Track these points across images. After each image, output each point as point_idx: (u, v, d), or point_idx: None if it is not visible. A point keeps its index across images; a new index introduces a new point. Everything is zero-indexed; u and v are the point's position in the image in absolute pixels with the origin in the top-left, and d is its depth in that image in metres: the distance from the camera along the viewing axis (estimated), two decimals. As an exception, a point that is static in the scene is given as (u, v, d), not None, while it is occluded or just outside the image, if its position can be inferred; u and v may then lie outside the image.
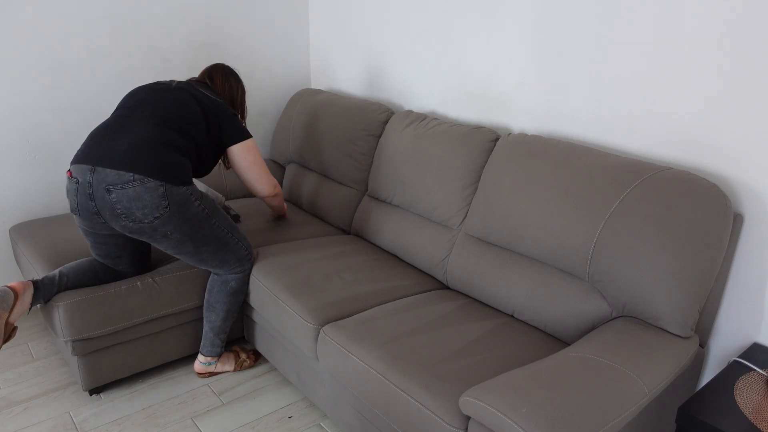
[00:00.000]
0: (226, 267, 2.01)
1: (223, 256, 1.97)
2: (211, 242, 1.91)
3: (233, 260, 2.00)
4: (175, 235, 1.82)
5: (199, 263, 1.97)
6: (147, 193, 1.73)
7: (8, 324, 1.77)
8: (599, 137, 1.89)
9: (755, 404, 1.36)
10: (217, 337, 2.11)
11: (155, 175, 1.74)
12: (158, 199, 1.74)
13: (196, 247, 1.89)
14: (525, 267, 1.80)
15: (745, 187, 1.57)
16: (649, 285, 1.50)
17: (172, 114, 1.86)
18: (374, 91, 2.74)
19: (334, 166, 2.52)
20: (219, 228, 1.92)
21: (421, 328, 1.70)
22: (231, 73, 2.18)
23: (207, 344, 2.13)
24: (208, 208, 1.88)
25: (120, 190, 1.72)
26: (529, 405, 1.20)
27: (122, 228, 1.79)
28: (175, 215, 1.79)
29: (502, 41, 2.11)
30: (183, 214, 1.80)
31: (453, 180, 2.02)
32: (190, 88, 1.97)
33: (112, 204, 1.73)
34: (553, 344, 1.68)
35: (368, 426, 1.68)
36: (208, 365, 2.16)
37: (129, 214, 1.74)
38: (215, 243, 1.92)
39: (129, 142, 1.76)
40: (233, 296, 2.06)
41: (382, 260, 2.18)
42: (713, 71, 1.58)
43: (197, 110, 1.91)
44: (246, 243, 2.05)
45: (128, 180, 1.72)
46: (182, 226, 1.82)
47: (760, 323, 1.62)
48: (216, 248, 1.93)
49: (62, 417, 1.97)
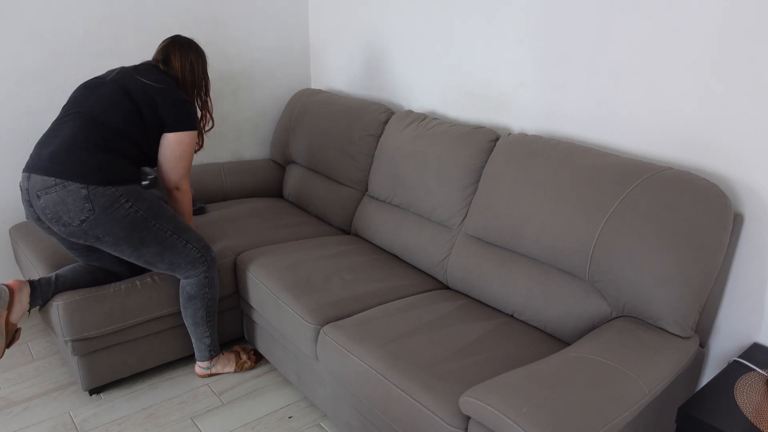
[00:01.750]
0: (178, 271, 1.96)
1: (170, 259, 1.91)
2: (151, 245, 1.85)
3: (183, 263, 1.94)
4: (107, 238, 1.78)
5: (149, 266, 1.92)
6: (69, 196, 1.71)
7: (9, 324, 1.76)
8: (599, 137, 1.89)
9: (755, 404, 1.36)
10: (201, 342, 2.10)
11: (75, 178, 1.72)
12: (81, 202, 1.72)
13: (136, 250, 1.84)
14: (525, 267, 1.80)
15: (745, 187, 1.57)
16: (649, 285, 1.50)
17: (99, 112, 1.81)
18: (374, 91, 2.74)
19: (334, 166, 2.52)
20: (160, 230, 1.86)
21: (421, 328, 1.70)
22: (190, 47, 2.03)
23: (196, 350, 2.13)
24: (144, 210, 1.82)
25: (45, 195, 1.72)
26: (529, 405, 1.20)
27: (60, 231, 1.77)
28: (101, 218, 1.75)
29: (502, 41, 2.11)
30: (111, 216, 1.76)
31: (453, 180, 2.02)
32: (124, 79, 1.88)
33: (42, 209, 1.74)
34: (553, 344, 1.68)
35: (368, 426, 1.68)
36: (207, 369, 2.16)
37: (58, 218, 1.73)
38: (156, 245, 1.86)
39: (54, 146, 1.76)
40: (192, 302, 2.01)
41: (382, 260, 2.18)
42: (713, 71, 1.58)
43: (126, 105, 1.83)
44: (199, 245, 1.97)
45: (51, 185, 1.72)
46: (112, 228, 1.77)
47: (760, 323, 1.62)
48: (159, 251, 1.88)
49: (62, 417, 1.97)
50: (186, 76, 2.01)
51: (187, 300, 2.01)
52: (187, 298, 2.01)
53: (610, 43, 1.79)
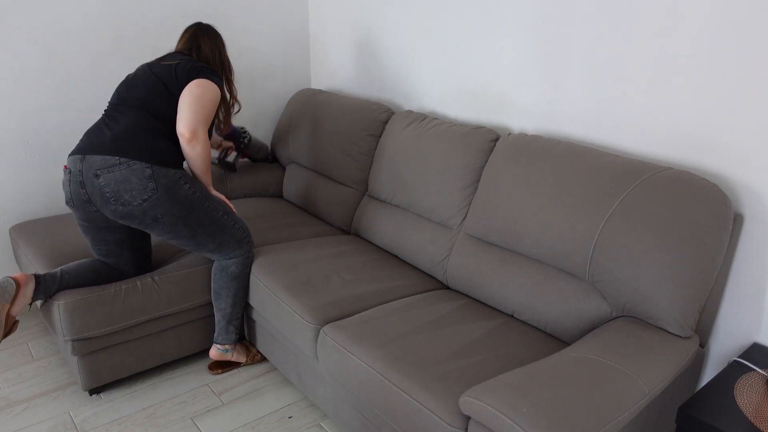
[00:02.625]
0: (225, 250, 2.01)
1: (221, 239, 1.97)
2: (207, 224, 1.92)
3: (232, 243, 2.00)
4: (167, 218, 1.83)
5: (197, 248, 1.96)
6: (134, 175, 1.77)
7: (9, 316, 1.78)
8: (599, 137, 1.89)
9: (755, 404, 1.36)
10: (231, 324, 2.12)
11: (140, 157, 1.78)
12: (145, 181, 1.78)
13: (191, 230, 1.89)
14: (525, 267, 1.80)
15: (745, 187, 1.57)
16: (649, 285, 1.50)
17: (149, 102, 1.88)
18: (374, 91, 2.74)
19: (334, 166, 2.52)
20: (213, 210, 1.93)
21: (421, 328, 1.70)
22: (215, 32, 2.10)
23: (221, 332, 2.13)
24: (199, 191, 1.90)
25: (107, 173, 1.76)
26: (529, 405, 1.20)
27: (113, 213, 1.80)
28: (163, 197, 1.81)
29: (502, 41, 2.11)
30: (172, 196, 1.82)
31: (453, 180, 2.02)
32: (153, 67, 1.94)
33: (101, 188, 1.77)
34: (553, 344, 1.68)
35: (368, 426, 1.68)
36: (225, 352, 2.17)
37: (118, 197, 1.77)
38: (211, 225, 1.93)
39: (115, 131, 1.82)
40: (236, 281, 2.06)
41: (382, 260, 2.18)
42: (713, 71, 1.58)
43: (161, 89, 1.89)
44: (243, 225, 2.05)
45: (114, 164, 1.76)
46: (172, 208, 1.83)
47: (760, 323, 1.62)
48: (213, 230, 1.94)
49: (62, 417, 1.97)
50: (216, 60, 2.07)
51: (231, 279, 2.05)
52: (232, 277, 2.05)
53: (609, 43, 1.79)
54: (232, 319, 2.12)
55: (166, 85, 1.90)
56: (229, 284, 2.06)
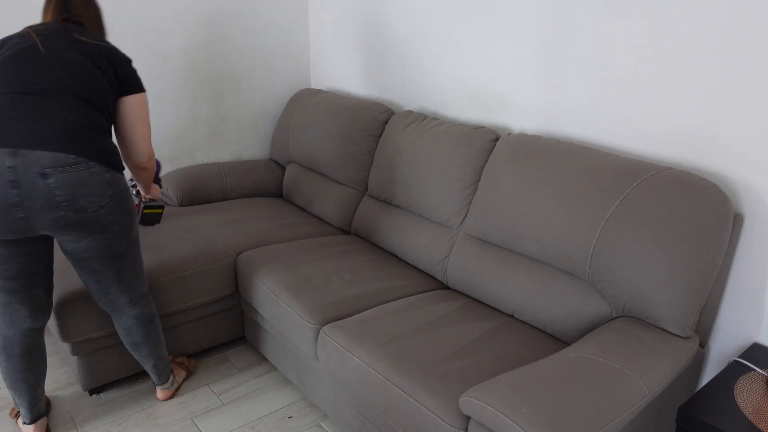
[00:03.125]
0: (137, 285, 1.79)
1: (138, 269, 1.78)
2: (136, 245, 1.74)
3: (142, 277, 1.81)
4: (115, 227, 1.62)
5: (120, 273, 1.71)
6: (93, 178, 1.53)
7: None
8: (599, 137, 1.89)
9: (755, 404, 1.36)
10: (162, 360, 1.97)
11: (98, 159, 1.54)
12: (105, 186, 1.56)
13: (126, 248, 1.69)
14: (525, 267, 1.80)
15: (745, 187, 1.57)
16: (649, 285, 1.50)
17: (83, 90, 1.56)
18: (374, 91, 2.75)
19: (334, 166, 2.52)
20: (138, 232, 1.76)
21: (421, 328, 1.70)
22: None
23: (161, 373, 2.00)
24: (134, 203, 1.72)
25: (61, 173, 1.48)
26: (529, 405, 1.20)
27: (54, 221, 1.51)
28: (118, 205, 1.61)
29: (502, 41, 2.11)
30: (123, 205, 1.63)
31: (453, 180, 2.02)
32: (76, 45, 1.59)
33: (49, 191, 1.47)
34: (553, 344, 1.68)
35: (368, 426, 1.68)
36: (171, 386, 2.07)
37: (72, 202, 1.51)
38: (137, 247, 1.75)
39: (55, 122, 1.50)
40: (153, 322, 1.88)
41: (382, 260, 2.18)
42: (713, 71, 1.58)
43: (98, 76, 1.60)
44: None
45: (70, 163, 1.48)
46: (122, 218, 1.63)
47: (760, 323, 1.62)
48: (136, 254, 1.75)
49: (62, 417, 1.97)
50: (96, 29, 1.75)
51: (148, 323, 1.86)
52: (149, 320, 1.86)
53: (610, 43, 1.79)
54: (163, 355, 1.96)
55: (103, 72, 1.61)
56: (148, 329, 1.87)
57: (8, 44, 1.58)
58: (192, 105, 2.78)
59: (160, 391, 2.05)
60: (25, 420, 1.82)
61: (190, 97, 2.77)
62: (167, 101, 2.70)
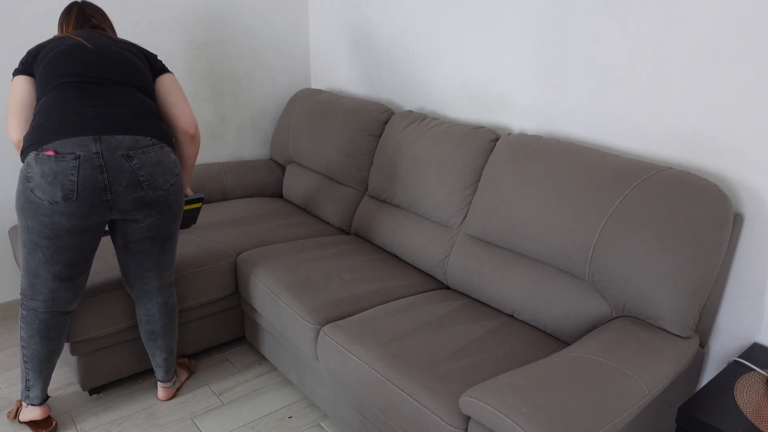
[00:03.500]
0: (169, 271, 1.88)
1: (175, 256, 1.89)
2: (178, 232, 1.85)
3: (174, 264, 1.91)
4: (176, 206, 1.76)
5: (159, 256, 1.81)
6: (165, 157, 1.69)
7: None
8: (599, 137, 1.89)
9: (755, 404, 1.36)
10: (172, 355, 2.00)
11: (164, 140, 1.70)
12: (174, 165, 1.72)
13: (175, 231, 1.82)
14: (525, 267, 1.80)
15: (745, 187, 1.57)
16: (649, 285, 1.50)
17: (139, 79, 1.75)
18: (374, 91, 2.74)
19: (334, 166, 2.52)
20: None
21: (421, 328, 1.70)
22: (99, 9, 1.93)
23: (169, 369, 2.01)
24: None
25: (142, 155, 1.62)
26: (529, 405, 1.20)
27: (136, 201, 1.64)
28: (181, 183, 1.77)
29: (502, 41, 2.11)
30: (182, 184, 1.79)
31: (453, 180, 2.02)
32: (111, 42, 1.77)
33: (133, 171, 1.61)
34: (553, 344, 1.68)
35: (368, 426, 1.68)
36: (174, 385, 2.07)
37: (151, 180, 1.65)
38: (178, 234, 1.87)
39: (126, 108, 1.66)
40: (174, 311, 1.94)
41: (382, 260, 2.18)
42: (713, 71, 1.58)
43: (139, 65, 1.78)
44: None
45: (147, 144, 1.64)
46: (182, 197, 1.79)
47: (760, 323, 1.62)
48: (177, 240, 1.87)
49: (62, 417, 1.97)
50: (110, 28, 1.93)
51: (170, 312, 1.92)
52: (171, 309, 1.92)
53: (610, 43, 1.79)
54: (175, 351, 2.02)
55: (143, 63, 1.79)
56: (169, 318, 1.92)
57: (48, 46, 1.71)
58: (192, 105, 2.78)
59: (161, 390, 2.05)
60: (35, 402, 1.83)
61: (190, 97, 2.77)
62: (167, 101, 2.70)
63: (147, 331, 1.91)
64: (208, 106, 2.83)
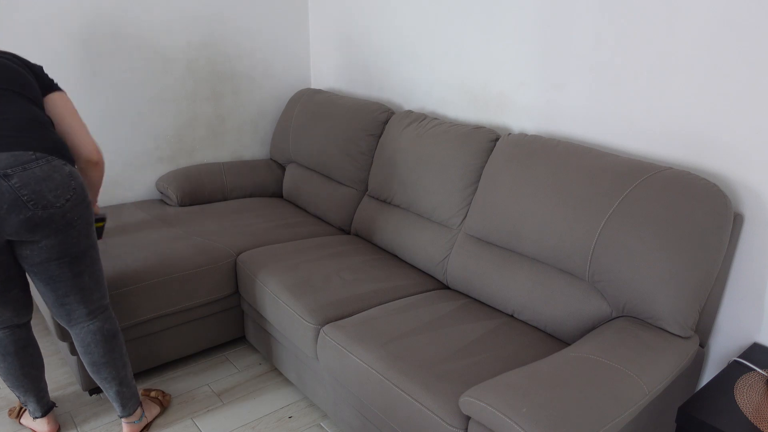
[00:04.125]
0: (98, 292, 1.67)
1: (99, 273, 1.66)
2: (96, 248, 1.65)
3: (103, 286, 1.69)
4: (80, 222, 1.55)
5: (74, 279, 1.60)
6: (56, 172, 1.49)
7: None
8: (599, 137, 1.89)
9: (755, 404, 1.36)
10: (130, 388, 1.80)
11: (55, 153, 1.52)
12: (67, 179, 1.51)
13: (87, 249, 1.61)
14: (525, 267, 1.80)
15: (745, 187, 1.57)
16: (649, 285, 1.50)
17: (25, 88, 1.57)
18: (374, 91, 2.74)
19: (334, 166, 2.52)
20: None
21: (421, 328, 1.70)
22: None
23: (126, 401, 1.80)
24: None
25: (23, 172, 1.44)
26: (529, 405, 1.20)
27: (21, 223, 1.45)
28: (80, 197, 1.55)
29: (502, 41, 2.11)
30: (85, 197, 1.57)
31: (453, 180, 2.02)
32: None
33: (13, 191, 1.42)
34: (553, 344, 1.68)
35: (368, 426, 1.68)
36: (140, 420, 1.86)
37: (39, 199, 1.45)
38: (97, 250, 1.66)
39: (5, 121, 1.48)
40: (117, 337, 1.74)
41: (382, 260, 2.18)
42: (713, 70, 1.58)
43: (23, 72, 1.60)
44: None
45: (30, 159, 1.45)
46: (85, 211, 1.57)
47: (760, 323, 1.62)
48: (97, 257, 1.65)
49: (62, 417, 1.97)
50: None
51: (111, 339, 1.72)
52: (112, 336, 1.72)
53: (610, 43, 1.79)
54: (130, 382, 1.79)
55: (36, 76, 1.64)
56: (112, 346, 1.72)
57: None
58: (192, 105, 2.78)
59: (125, 425, 1.83)
60: (36, 415, 1.81)
61: (190, 97, 2.77)
62: (167, 101, 2.70)
63: (88, 362, 1.72)
64: (208, 106, 2.83)
